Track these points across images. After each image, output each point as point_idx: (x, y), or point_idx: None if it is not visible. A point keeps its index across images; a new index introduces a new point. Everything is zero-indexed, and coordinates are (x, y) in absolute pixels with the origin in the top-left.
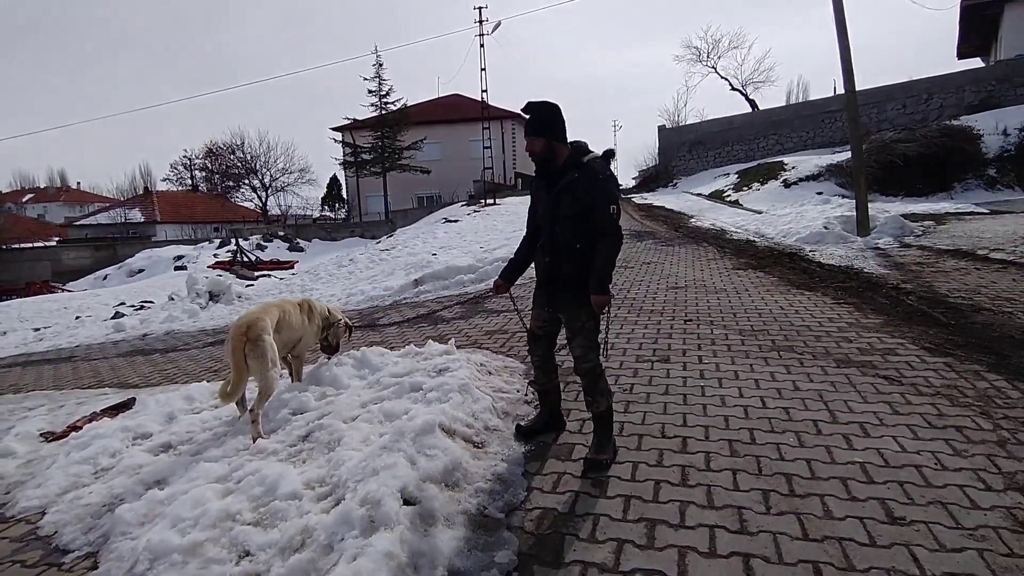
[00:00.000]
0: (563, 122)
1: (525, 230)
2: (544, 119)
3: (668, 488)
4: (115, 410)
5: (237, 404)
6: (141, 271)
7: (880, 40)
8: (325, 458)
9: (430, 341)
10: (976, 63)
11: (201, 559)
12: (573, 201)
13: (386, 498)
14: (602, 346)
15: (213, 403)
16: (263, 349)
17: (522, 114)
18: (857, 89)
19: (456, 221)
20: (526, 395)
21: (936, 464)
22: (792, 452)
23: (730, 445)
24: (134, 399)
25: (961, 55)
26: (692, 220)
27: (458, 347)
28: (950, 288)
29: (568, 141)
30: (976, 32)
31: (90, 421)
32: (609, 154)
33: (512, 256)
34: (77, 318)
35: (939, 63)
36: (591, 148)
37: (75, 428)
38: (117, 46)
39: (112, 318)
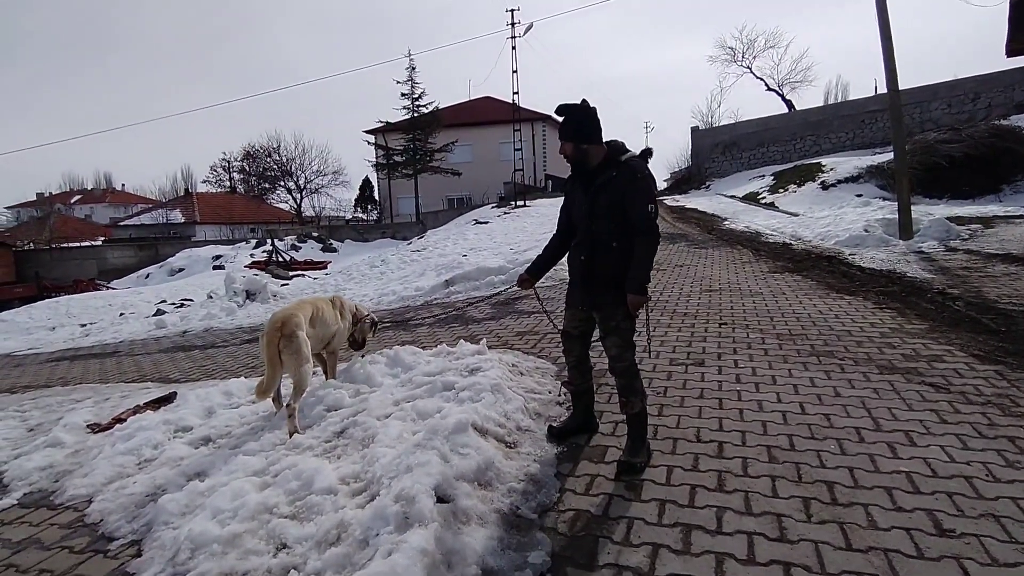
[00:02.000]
0: (596, 123)
1: (556, 228)
2: (574, 122)
3: (704, 493)
4: (157, 403)
5: (273, 400)
6: (181, 270)
7: (924, 37)
8: (359, 454)
9: (462, 341)
10: None
11: (240, 550)
12: (610, 199)
13: (420, 495)
14: (646, 346)
15: (250, 399)
16: (297, 345)
17: (554, 116)
18: (901, 88)
19: (486, 223)
20: (559, 396)
21: (988, 476)
22: (833, 459)
23: (768, 451)
24: (175, 393)
25: (1010, 52)
26: (726, 223)
27: (489, 347)
28: (1000, 294)
29: (604, 140)
30: None
31: (134, 414)
32: (647, 153)
33: (540, 253)
34: (121, 315)
35: (987, 61)
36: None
37: (120, 420)
38: (161, 54)
39: (154, 315)
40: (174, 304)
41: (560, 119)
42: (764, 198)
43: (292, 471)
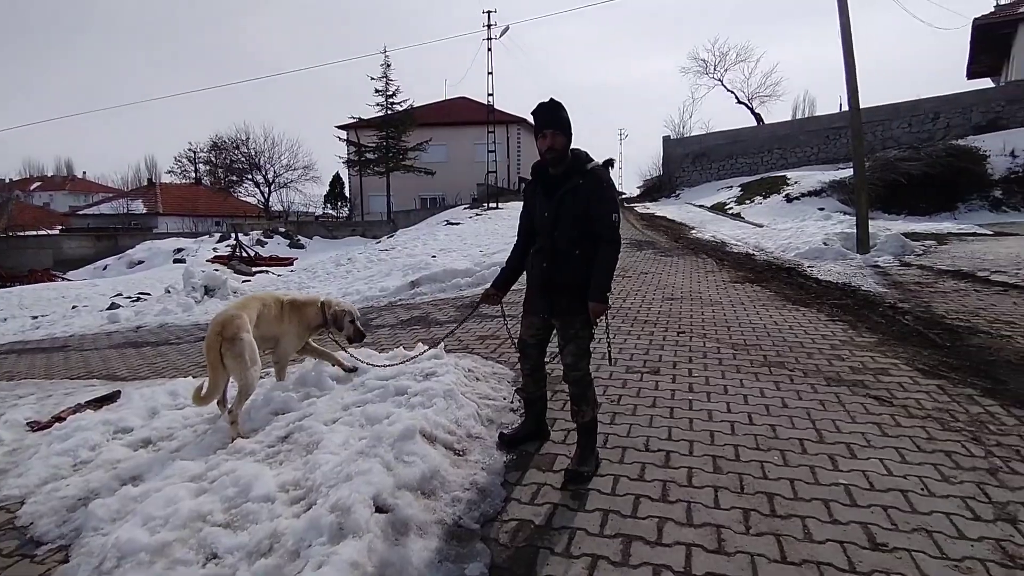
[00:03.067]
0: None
1: (517, 236)
2: (567, 117)
3: (648, 503)
4: (100, 402)
5: (219, 403)
6: (141, 262)
7: (890, 58)
8: (302, 460)
9: (419, 344)
10: (986, 83)
11: (168, 559)
12: (575, 207)
13: (357, 505)
14: (607, 355)
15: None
16: (240, 348)
17: (533, 115)
18: (863, 107)
19: (457, 224)
20: (512, 403)
21: (923, 490)
22: (776, 471)
23: (714, 461)
24: (119, 392)
25: (971, 75)
26: (693, 231)
27: (448, 351)
28: (948, 309)
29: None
30: (988, 52)
31: (74, 412)
32: (609, 163)
33: (504, 264)
34: (74, 308)
35: (949, 83)
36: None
37: (59, 419)
38: (127, 37)
39: (108, 309)
40: (130, 298)
41: (546, 110)
42: (731, 208)
43: (230, 477)
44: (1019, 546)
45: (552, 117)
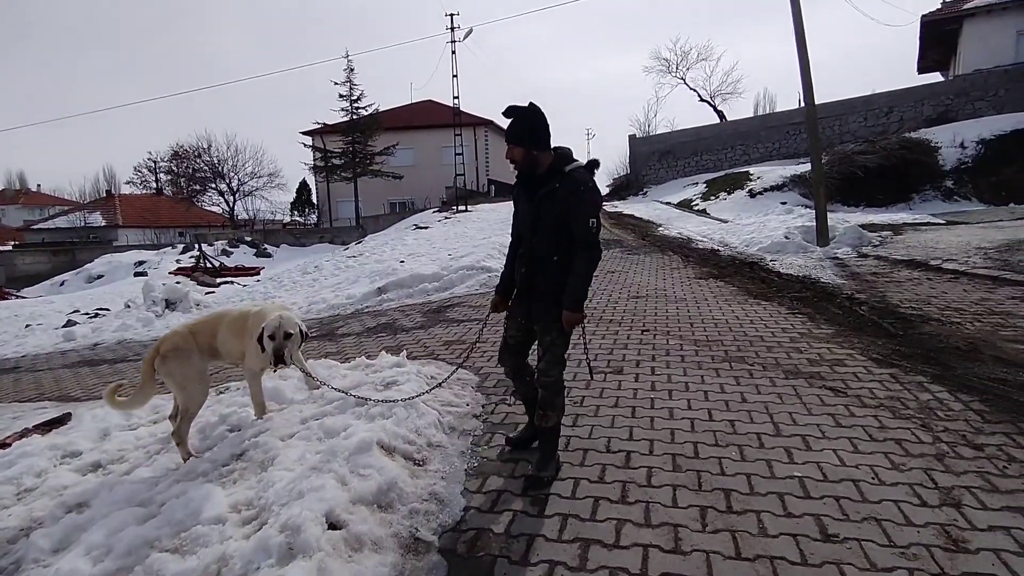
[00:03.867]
0: (546, 128)
1: (511, 238)
2: (525, 126)
3: (607, 506)
4: (48, 426)
5: (170, 418)
6: (100, 277)
7: (846, 54)
8: (256, 478)
9: (383, 352)
10: (936, 77)
11: None
12: (552, 211)
13: (307, 523)
14: (588, 366)
15: (151, 418)
16: (168, 367)
17: (503, 118)
18: (820, 102)
19: (426, 228)
20: (474, 409)
21: (873, 478)
22: (733, 466)
23: (673, 459)
24: (69, 414)
25: (921, 70)
26: (660, 229)
27: (413, 358)
28: (902, 298)
29: (552, 147)
30: (936, 47)
31: (20, 438)
32: (593, 164)
33: (503, 269)
34: (27, 326)
35: (903, 78)
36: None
37: (5, 445)
38: (81, 44)
39: (63, 326)
40: (88, 314)
41: (508, 121)
42: (697, 205)
43: (180, 500)
44: (962, 530)
45: (509, 130)
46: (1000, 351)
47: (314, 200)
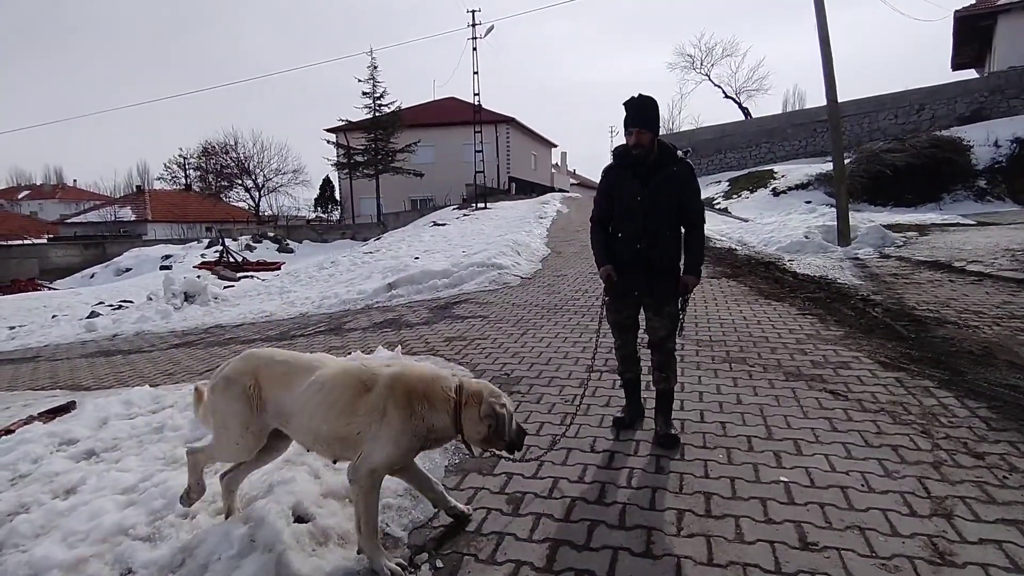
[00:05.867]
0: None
1: (598, 216)
2: (654, 114)
3: (582, 506)
4: (52, 413)
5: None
6: (128, 270)
7: (879, 51)
8: None
9: (380, 347)
10: (971, 74)
11: (82, 575)
12: (670, 191)
13: (271, 516)
14: (681, 326)
15: (151, 408)
16: (212, 402)
17: (624, 107)
18: (849, 99)
19: (444, 225)
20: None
21: (863, 486)
22: (719, 469)
23: (657, 461)
24: (74, 402)
25: (955, 67)
26: None
27: (414, 354)
28: (919, 300)
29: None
30: (970, 43)
31: (25, 424)
32: (688, 153)
33: (598, 243)
34: (53, 317)
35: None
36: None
37: (8, 431)
38: (117, 44)
39: (87, 317)
40: (111, 306)
41: (635, 108)
42: (719, 203)
43: (159, 488)
44: (951, 542)
45: (639, 116)
46: (1016, 356)
47: (337, 197)
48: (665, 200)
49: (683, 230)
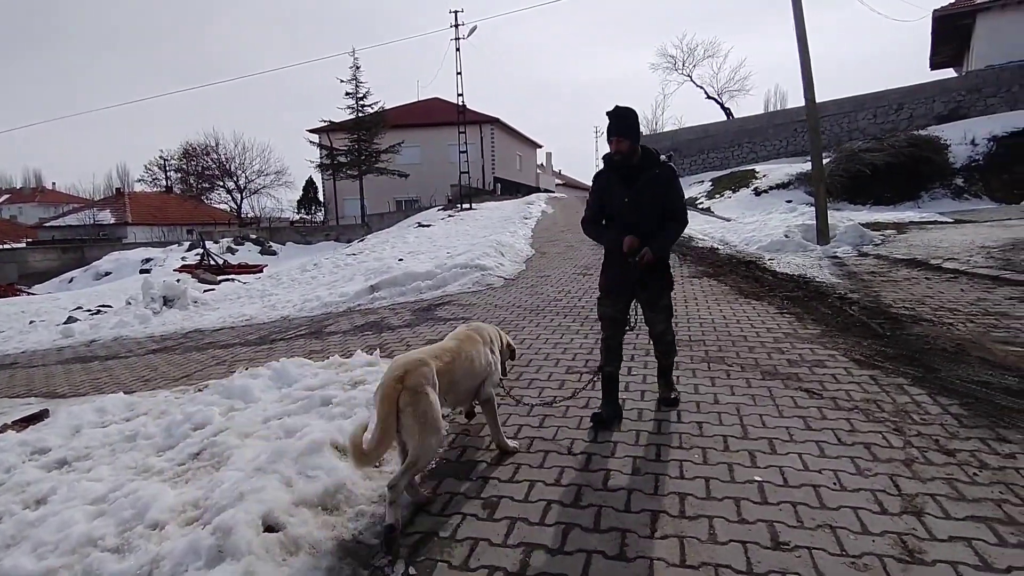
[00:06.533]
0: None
1: (590, 214)
2: (634, 123)
3: (558, 509)
4: (26, 422)
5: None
6: (108, 274)
7: (858, 51)
8: (208, 479)
9: (358, 351)
10: (949, 74)
11: None
12: (654, 193)
13: (240, 525)
14: (635, 322)
15: (125, 415)
16: (424, 407)
17: (607, 116)
18: (828, 99)
19: (428, 226)
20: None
21: (835, 484)
22: (693, 470)
23: (634, 462)
24: (47, 411)
25: (934, 66)
26: None
27: (391, 357)
28: (896, 298)
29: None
30: (948, 43)
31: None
32: (671, 158)
33: (595, 229)
34: (31, 322)
35: (915, 74)
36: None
37: None
38: (97, 45)
39: (64, 323)
40: (90, 311)
41: (615, 118)
42: (702, 203)
43: (129, 499)
44: (921, 540)
45: (618, 125)
46: (988, 352)
47: (320, 198)
48: (649, 201)
49: None
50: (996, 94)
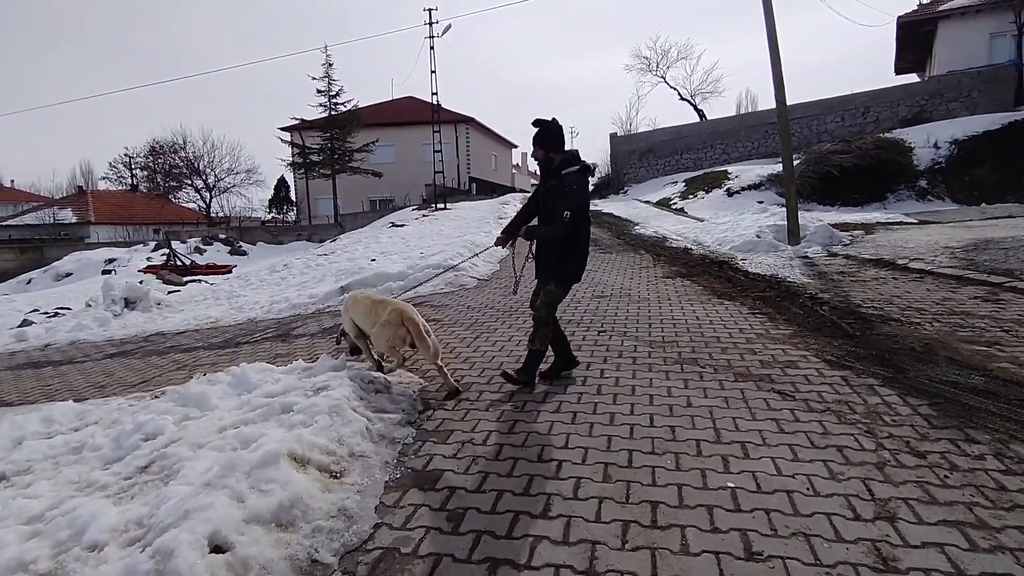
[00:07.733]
0: (560, 136)
1: (527, 208)
2: (545, 133)
3: (526, 521)
4: None
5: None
6: (69, 275)
7: (828, 55)
8: (155, 494)
9: (323, 355)
10: (912, 78)
11: None
12: (548, 202)
13: (182, 547)
14: (515, 285)
15: (73, 425)
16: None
17: (532, 126)
18: (798, 102)
19: (402, 226)
20: (409, 415)
21: (808, 489)
22: (666, 476)
23: (605, 469)
24: None
25: (898, 71)
26: (636, 227)
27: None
28: (865, 298)
29: (565, 150)
30: (912, 48)
31: None
32: (586, 168)
33: (513, 220)
34: None
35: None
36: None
37: None
38: (57, 37)
39: (18, 326)
40: (47, 313)
41: (536, 129)
42: (675, 204)
43: (66, 517)
44: (894, 546)
45: (535, 136)
46: (955, 352)
47: (293, 197)
48: (546, 208)
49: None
50: (957, 99)
